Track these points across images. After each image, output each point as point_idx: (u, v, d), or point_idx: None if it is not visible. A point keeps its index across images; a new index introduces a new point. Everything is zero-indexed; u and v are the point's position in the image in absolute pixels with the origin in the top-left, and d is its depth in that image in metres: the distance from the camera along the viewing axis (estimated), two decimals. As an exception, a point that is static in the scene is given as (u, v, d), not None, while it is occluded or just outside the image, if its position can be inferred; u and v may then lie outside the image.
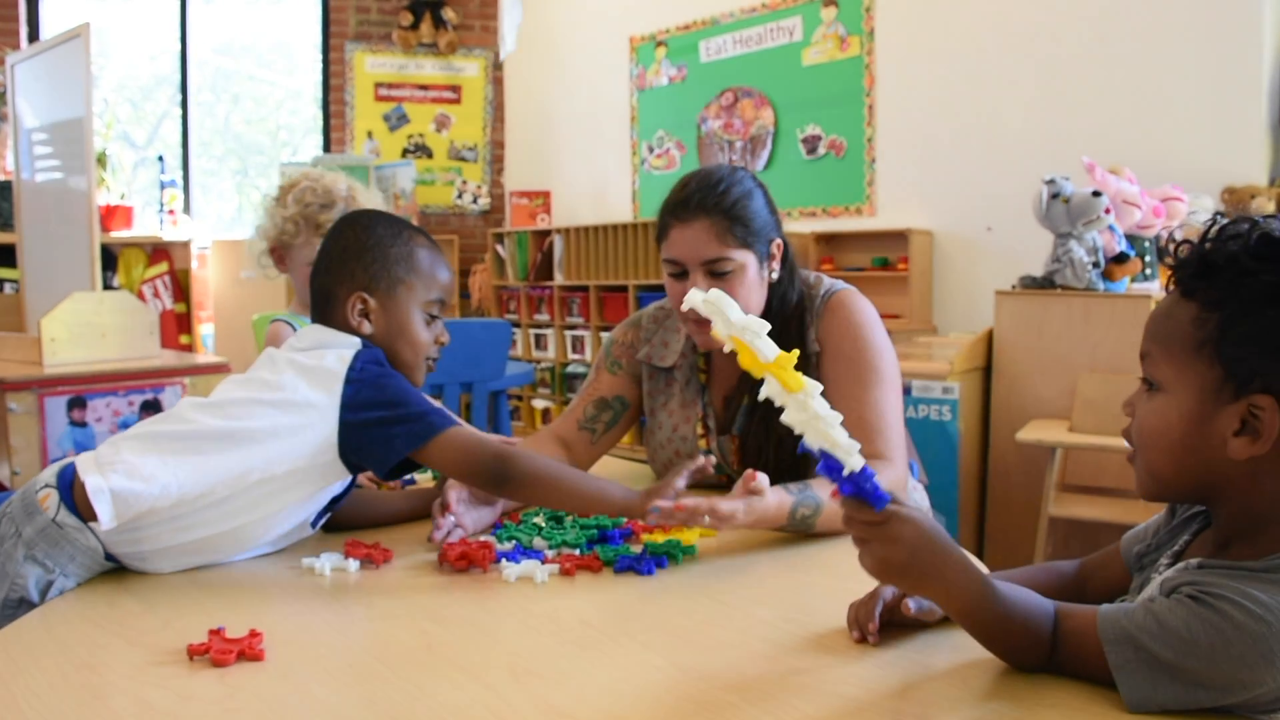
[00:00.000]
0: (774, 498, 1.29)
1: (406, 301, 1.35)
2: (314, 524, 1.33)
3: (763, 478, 1.27)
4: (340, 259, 1.34)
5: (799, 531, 1.35)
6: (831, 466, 0.84)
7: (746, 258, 1.52)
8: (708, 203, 1.50)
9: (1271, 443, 0.81)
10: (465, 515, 1.38)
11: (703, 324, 1.56)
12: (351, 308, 1.32)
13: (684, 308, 1.00)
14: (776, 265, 1.58)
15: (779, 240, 1.57)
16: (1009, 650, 0.88)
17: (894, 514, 0.85)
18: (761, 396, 0.88)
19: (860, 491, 0.86)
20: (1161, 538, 0.96)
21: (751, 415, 1.59)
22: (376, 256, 1.33)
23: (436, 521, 1.35)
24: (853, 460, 0.84)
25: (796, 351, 0.87)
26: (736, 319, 0.90)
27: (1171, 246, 0.90)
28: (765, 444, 1.57)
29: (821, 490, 1.34)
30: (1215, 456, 0.84)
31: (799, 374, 0.85)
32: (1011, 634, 0.86)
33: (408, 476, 1.70)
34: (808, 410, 0.83)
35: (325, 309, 1.34)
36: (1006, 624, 0.86)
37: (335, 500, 1.34)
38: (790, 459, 1.52)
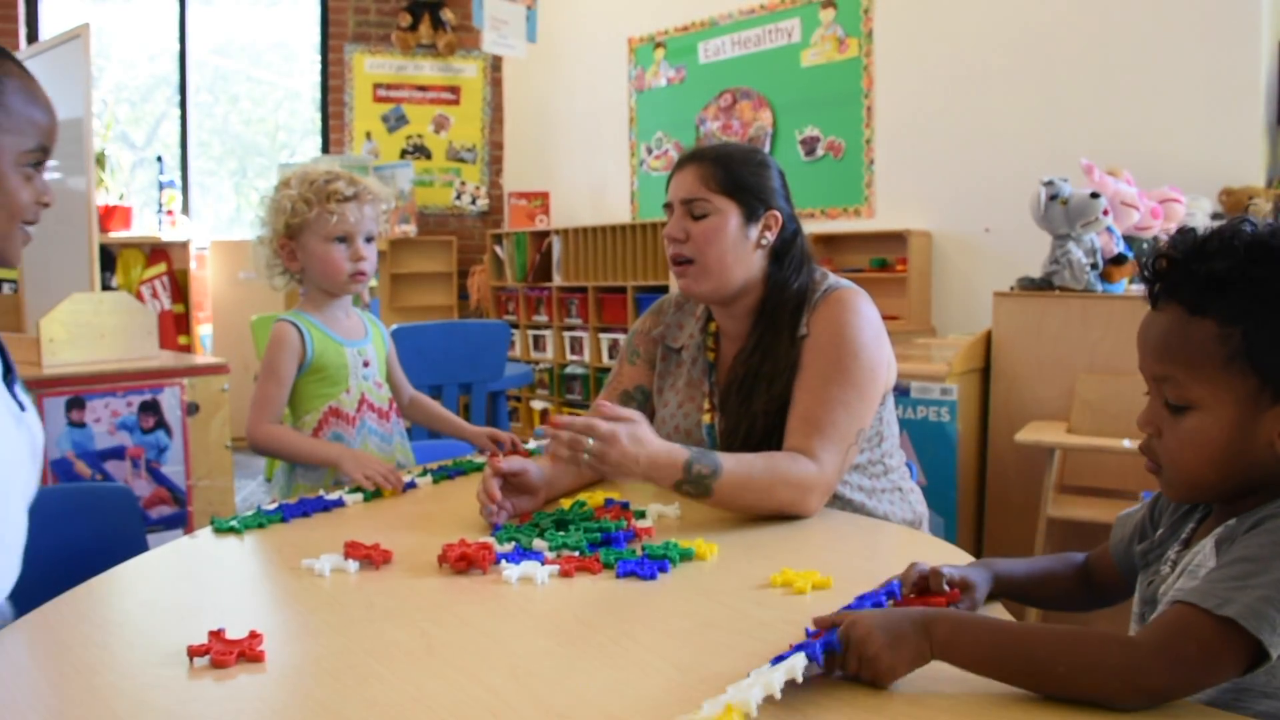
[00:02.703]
0: (663, 445, 1.37)
1: None
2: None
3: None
4: None
5: (698, 491, 1.38)
6: None
7: (727, 206, 1.60)
8: (700, 152, 1.64)
9: None
10: (505, 500, 1.46)
11: (682, 266, 1.62)
12: None
13: None
14: (769, 236, 1.62)
15: (776, 212, 1.62)
16: None
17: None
18: None
19: None
20: (1164, 534, 1.00)
21: (729, 391, 1.64)
22: None
23: (488, 508, 1.43)
24: None
25: None
26: None
27: (1149, 262, 0.93)
28: (741, 419, 1.62)
29: (726, 460, 1.39)
30: (1260, 458, 0.88)
31: None
32: None
33: (409, 480, 1.71)
34: None
35: None
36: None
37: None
38: (765, 432, 1.56)
